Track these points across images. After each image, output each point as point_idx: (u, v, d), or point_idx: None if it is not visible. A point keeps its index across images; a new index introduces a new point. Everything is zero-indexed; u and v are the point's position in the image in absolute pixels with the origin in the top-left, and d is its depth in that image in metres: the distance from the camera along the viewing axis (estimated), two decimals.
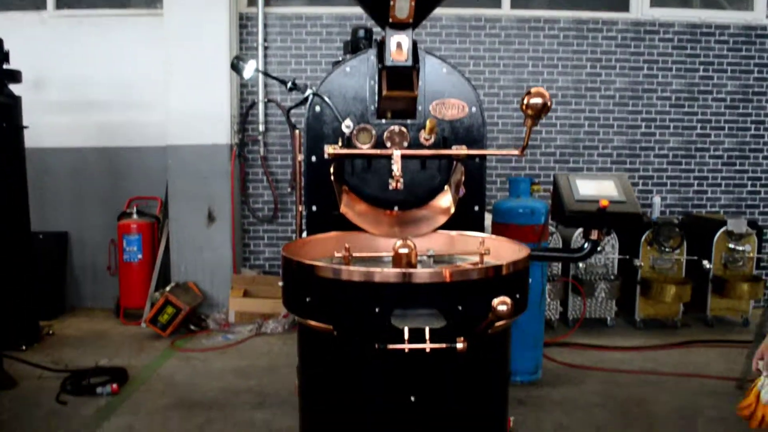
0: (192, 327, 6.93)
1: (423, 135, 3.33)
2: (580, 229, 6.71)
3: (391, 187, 3.20)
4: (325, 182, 3.35)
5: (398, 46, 3.18)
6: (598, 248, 7.16)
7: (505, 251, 3.08)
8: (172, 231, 7.41)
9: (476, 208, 3.49)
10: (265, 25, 7.63)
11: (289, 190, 7.83)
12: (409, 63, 3.14)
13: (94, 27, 7.62)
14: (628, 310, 7.22)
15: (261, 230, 7.97)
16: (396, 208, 3.48)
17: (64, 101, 7.58)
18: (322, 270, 2.51)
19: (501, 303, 2.11)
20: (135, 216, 7.48)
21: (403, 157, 3.21)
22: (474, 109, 3.37)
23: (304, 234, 3.46)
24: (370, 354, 2.37)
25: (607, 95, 7.74)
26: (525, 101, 2.62)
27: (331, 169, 3.27)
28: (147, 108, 7.58)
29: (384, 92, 3.12)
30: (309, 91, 3.42)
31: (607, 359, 6.05)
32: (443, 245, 3.32)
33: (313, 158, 3.40)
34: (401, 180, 3.16)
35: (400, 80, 3.18)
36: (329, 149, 3.22)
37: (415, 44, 3.21)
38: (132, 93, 7.60)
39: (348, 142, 3.34)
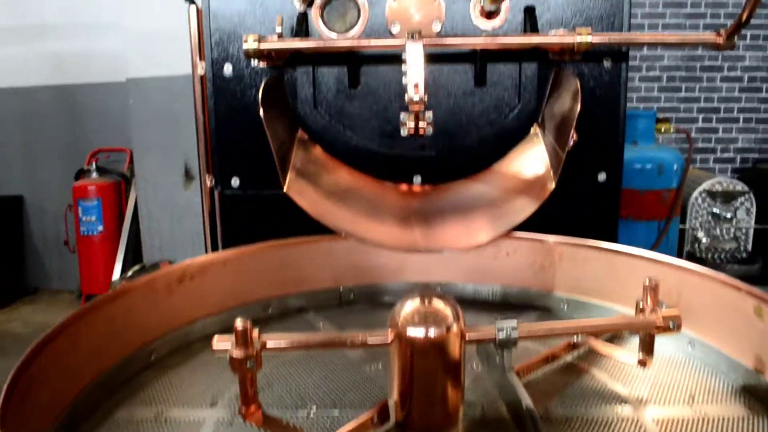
0: None
1: (480, 3, 1.34)
2: (702, 188, 4.68)
3: (404, 133, 1.41)
4: (254, 123, 1.39)
5: None
6: (728, 214, 5.17)
7: (713, 307, 1.10)
8: (141, 194, 5.75)
9: (602, 176, 1.50)
10: None
11: None
12: None
13: None
14: None
15: None
16: (418, 180, 1.52)
17: (4, 27, 6.16)
18: None
19: None
20: (94, 175, 6.00)
21: (432, 57, 1.38)
22: None
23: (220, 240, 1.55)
24: None
25: None
26: None
27: (260, 90, 1.31)
28: (105, 31, 5.93)
29: None
30: None
31: None
32: (534, 280, 1.36)
33: (227, 68, 1.44)
34: (428, 116, 1.37)
35: None
36: (250, 41, 1.26)
37: None
38: (86, 12, 6.03)
39: (302, 27, 1.36)
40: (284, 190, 1.43)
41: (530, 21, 1.48)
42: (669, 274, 1.26)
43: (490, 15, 1.46)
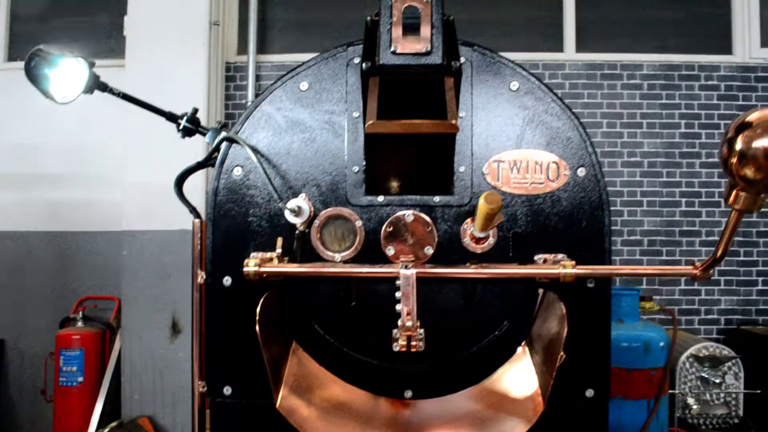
0: None
1: (470, 230, 1.44)
2: (689, 353, 4.72)
3: (396, 349, 1.45)
4: (249, 333, 1.43)
5: (409, 27, 1.40)
6: (717, 379, 5.15)
7: None
8: (125, 345, 5.67)
9: (589, 392, 1.54)
10: (258, 77, 6.00)
11: None
12: (437, 58, 1.29)
13: None
14: None
15: None
16: (409, 394, 1.55)
17: (5, 174, 6.36)
18: None
19: None
20: (79, 323, 5.90)
21: (424, 280, 1.44)
22: (582, 172, 1.47)
23: None
24: None
25: (709, 162, 6.01)
26: None
27: (258, 309, 1.36)
28: (105, 183, 6.14)
29: (372, 125, 1.28)
30: (222, 135, 1.59)
31: None
32: None
33: (227, 280, 1.50)
34: (420, 335, 1.43)
35: (412, 97, 1.37)
36: (251, 264, 1.33)
37: (449, 25, 1.37)
38: (87, 164, 6.26)
39: (299, 247, 1.44)
40: (276, 407, 1.44)
41: (517, 245, 1.58)
42: None
43: (479, 240, 1.56)
